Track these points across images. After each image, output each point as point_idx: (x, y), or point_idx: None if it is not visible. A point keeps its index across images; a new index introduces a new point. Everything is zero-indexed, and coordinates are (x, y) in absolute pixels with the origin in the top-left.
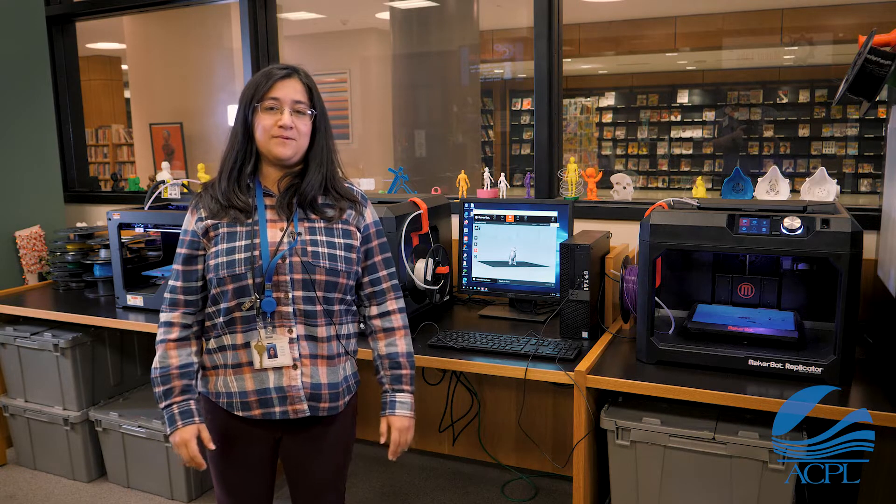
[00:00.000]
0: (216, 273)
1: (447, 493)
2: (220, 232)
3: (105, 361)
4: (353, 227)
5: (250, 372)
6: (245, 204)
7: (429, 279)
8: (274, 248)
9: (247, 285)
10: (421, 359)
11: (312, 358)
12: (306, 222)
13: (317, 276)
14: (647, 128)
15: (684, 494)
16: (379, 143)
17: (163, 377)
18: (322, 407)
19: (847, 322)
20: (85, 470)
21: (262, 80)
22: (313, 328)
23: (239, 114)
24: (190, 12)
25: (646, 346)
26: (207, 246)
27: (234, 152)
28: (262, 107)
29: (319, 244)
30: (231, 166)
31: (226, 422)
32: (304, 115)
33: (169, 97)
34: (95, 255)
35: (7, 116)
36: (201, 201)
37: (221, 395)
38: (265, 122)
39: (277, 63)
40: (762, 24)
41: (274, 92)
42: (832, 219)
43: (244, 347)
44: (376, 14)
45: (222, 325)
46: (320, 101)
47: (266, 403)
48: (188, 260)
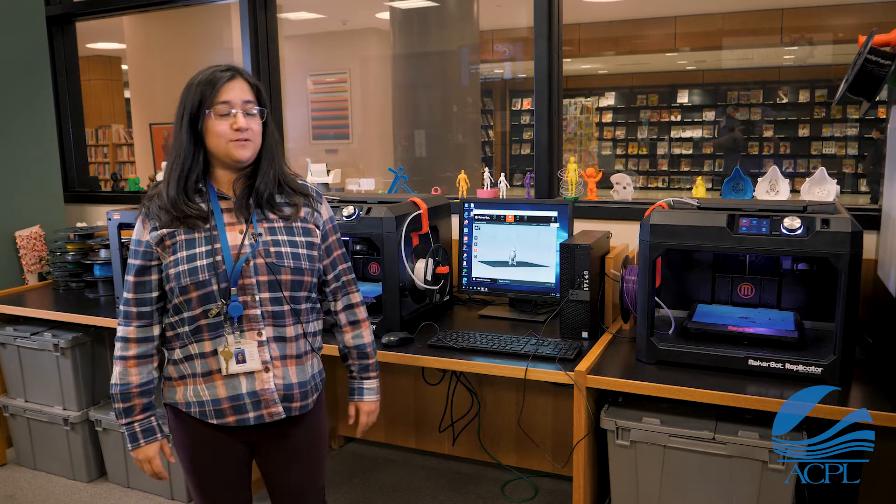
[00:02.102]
0: (178, 282)
1: (447, 493)
2: (178, 240)
3: (105, 361)
4: (311, 224)
5: (221, 379)
6: (199, 210)
7: (429, 279)
8: (236, 251)
9: (211, 291)
10: (421, 359)
11: (282, 359)
12: (265, 223)
13: (282, 277)
14: (647, 128)
15: (684, 494)
16: (379, 143)
17: (123, 395)
18: (294, 406)
19: (847, 322)
20: (85, 470)
21: (206, 86)
22: (282, 328)
23: (183, 121)
24: (190, 12)
25: (646, 346)
26: (163, 256)
27: (180, 161)
28: (214, 113)
29: (282, 244)
30: (178, 175)
31: (198, 430)
32: (255, 115)
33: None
34: (95, 255)
35: (7, 116)
36: (150, 211)
37: (192, 404)
38: (219, 128)
39: (220, 66)
40: (762, 24)
41: (223, 95)
42: (832, 219)
43: (213, 355)
44: (376, 14)
45: (188, 335)
46: (265, 98)
47: (240, 410)
48: (141, 271)
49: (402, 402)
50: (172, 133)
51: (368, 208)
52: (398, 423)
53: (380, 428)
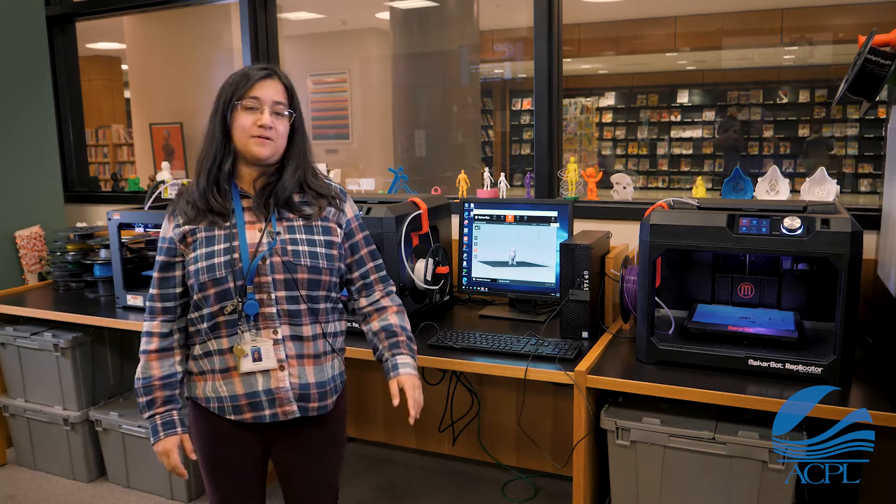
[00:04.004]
0: (197, 278)
1: (447, 493)
2: (199, 237)
3: (105, 361)
4: (333, 223)
5: (238, 376)
6: (222, 207)
7: (429, 279)
8: (253, 249)
9: (228, 289)
10: (421, 359)
11: (299, 358)
12: (284, 221)
13: (299, 275)
14: (647, 128)
15: (684, 494)
16: (379, 143)
17: (145, 388)
18: (311, 407)
19: (847, 322)
20: (85, 470)
21: (241, 79)
22: (298, 328)
23: (217, 112)
24: (190, 12)
25: (646, 346)
26: (185, 252)
27: (212, 151)
28: (241, 106)
29: (300, 242)
30: (210, 165)
31: (216, 426)
32: (283, 116)
33: (169, 97)
34: (95, 255)
35: (7, 116)
36: (177, 207)
37: (211, 399)
38: (244, 122)
39: (260, 64)
40: (762, 24)
41: (254, 91)
42: (832, 219)
43: (230, 352)
44: (376, 14)
45: (206, 331)
46: (298, 103)
47: (256, 407)
48: (165, 267)
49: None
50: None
51: (368, 208)
52: (398, 423)
53: (380, 428)
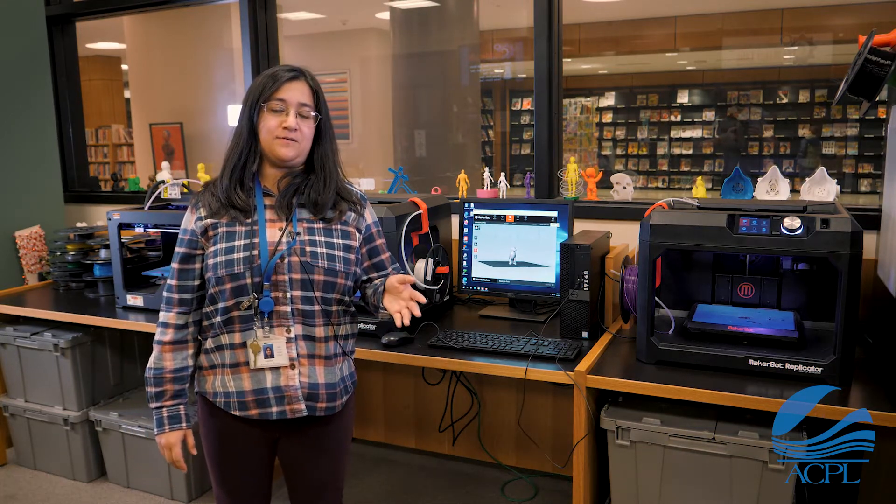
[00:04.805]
0: (215, 272)
1: (447, 493)
2: (220, 231)
3: (105, 361)
4: (352, 228)
5: (247, 371)
6: (245, 203)
7: (429, 279)
8: (273, 247)
9: (245, 285)
10: (421, 359)
11: (310, 358)
12: (305, 222)
13: (315, 276)
14: (647, 128)
15: (684, 494)
16: (379, 143)
17: (156, 379)
18: (319, 407)
19: (847, 322)
20: (85, 470)
21: (268, 80)
22: (311, 328)
23: (244, 113)
24: (190, 12)
25: (646, 346)
26: (206, 245)
27: (238, 150)
28: (267, 107)
29: (318, 244)
30: (235, 164)
31: (223, 422)
32: (309, 118)
33: (169, 97)
34: (95, 255)
35: (7, 116)
36: (201, 200)
37: (219, 394)
38: (270, 123)
39: (281, 64)
40: (762, 24)
41: (281, 93)
42: (832, 219)
43: (242, 347)
44: (376, 14)
45: (220, 325)
46: (325, 105)
47: (263, 403)
48: (185, 259)
49: (402, 402)
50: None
51: None
52: (398, 423)
53: (380, 428)
